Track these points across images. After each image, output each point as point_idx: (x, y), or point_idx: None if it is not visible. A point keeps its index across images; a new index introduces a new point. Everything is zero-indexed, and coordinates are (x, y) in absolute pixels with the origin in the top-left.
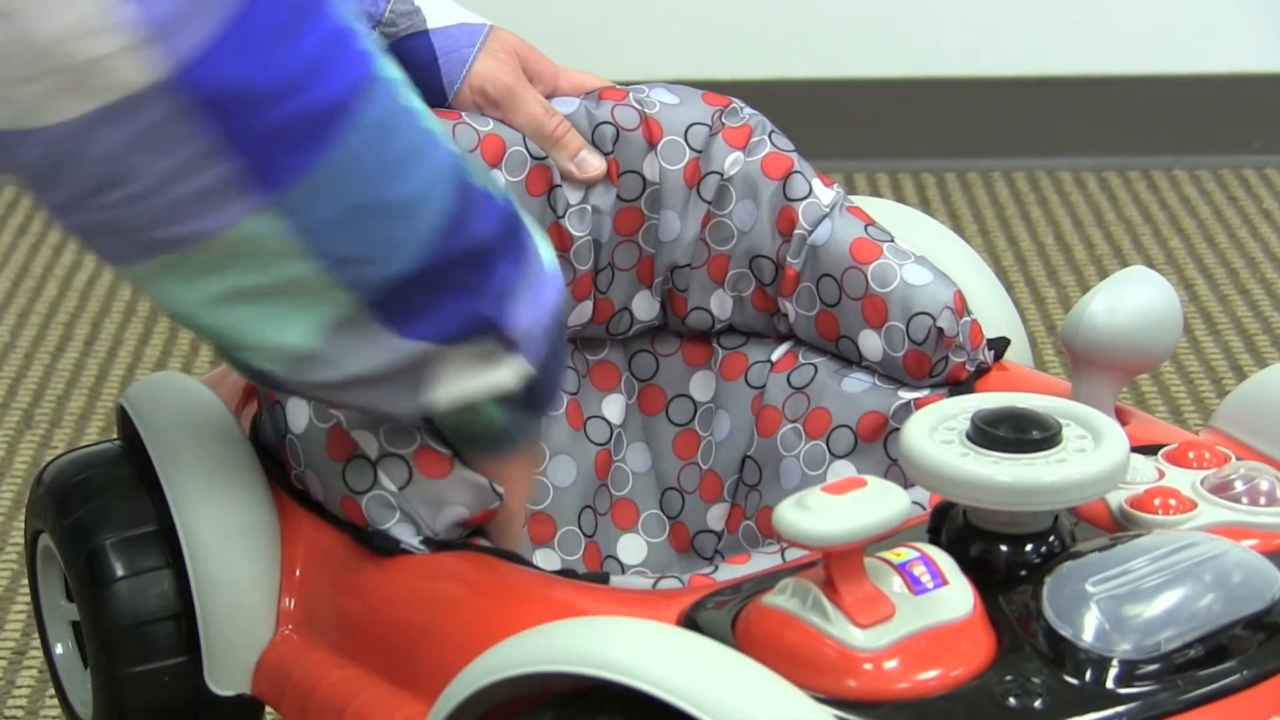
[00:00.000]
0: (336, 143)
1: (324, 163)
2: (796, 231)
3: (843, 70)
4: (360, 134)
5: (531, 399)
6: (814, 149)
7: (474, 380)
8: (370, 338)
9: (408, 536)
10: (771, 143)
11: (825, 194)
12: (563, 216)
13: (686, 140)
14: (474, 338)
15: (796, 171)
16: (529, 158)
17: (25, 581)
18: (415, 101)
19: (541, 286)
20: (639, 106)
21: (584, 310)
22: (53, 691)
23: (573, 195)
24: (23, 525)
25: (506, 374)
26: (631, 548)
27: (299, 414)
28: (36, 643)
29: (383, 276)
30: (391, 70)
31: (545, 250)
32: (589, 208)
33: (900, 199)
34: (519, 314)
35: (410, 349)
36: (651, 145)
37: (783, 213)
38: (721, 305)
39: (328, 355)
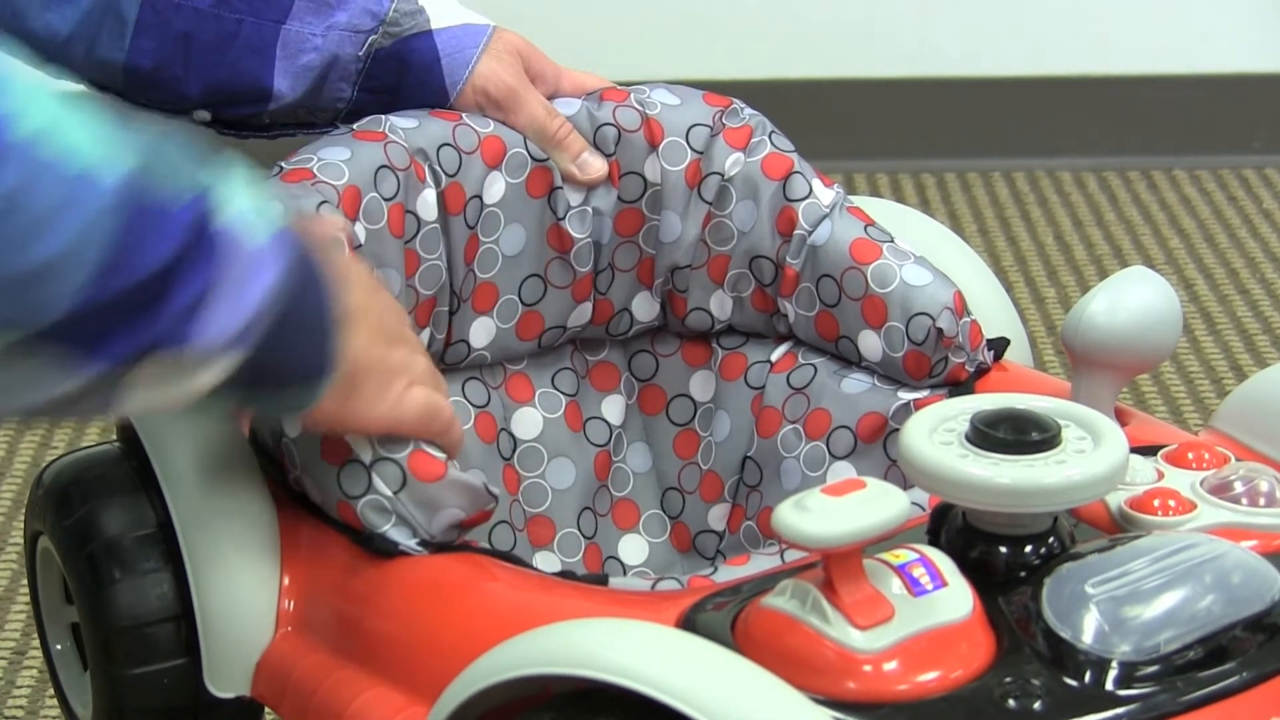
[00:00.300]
0: None
1: None
2: (796, 232)
3: (843, 70)
4: None
5: (267, 377)
6: (814, 149)
7: (166, 390)
8: (34, 374)
9: (404, 539)
10: (772, 143)
11: (825, 194)
12: (563, 219)
13: (688, 141)
14: (152, 358)
15: (796, 172)
16: (529, 159)
17: (25, 582)
18: (66, 141)
19: (250, 275)
20: (640, 108)
21: (583, 311)
22: (53, 692)
23: (573, 197)
24: (22, 527)
25: (207, 376)
26: (633, 548)
27: (294, 419)
28: (36, 643)
29: (35, 327)
30: (36, 118)
31: (264, 220)
32: (590, 210)
33: (900, 199)
34: (211, 321)
35: (81, 379)
36: (653, 146)
37: (783, 213)
38: (721, 306)
39: None
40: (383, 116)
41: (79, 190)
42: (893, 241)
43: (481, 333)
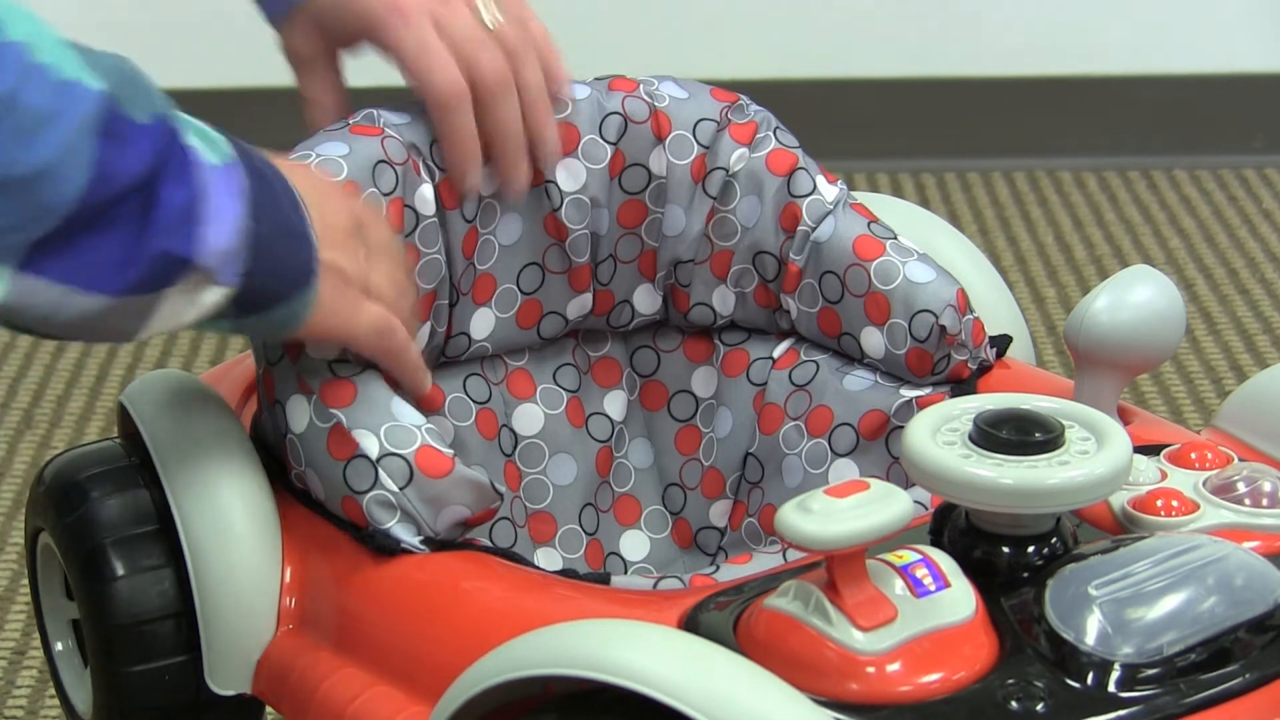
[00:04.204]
0: None
1: None
2: (800, 228)
3: (843, 70)
4: None
5: (261, 292)
6: (814, 149)
7: (179, 314)
8: (45, 295)
9: (408, 536)
10: (776, 139)
11: (829, 190)
12: (559, 209)
13: (695, 135)
14: (170, 277)
15: (801, 168)
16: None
17: (25, 581)
18: (50, 52)
19: (224, 188)
20: (649, 99)
21: (583, 302)
22: (53, 691)
23: (568, 185)
24: (23, 525)
25: (208, 300)
26: (634, 544)
27: (299, 414)
28: (36, 642)
29: (44, 228)
30: (20, 27)
31: (214, 150)
32: (586, 199)
33: (900, 199)
34: (207, 232)
35: (94, 301)
36: (659, 139)
37: (786, 209)
38: (724, 301)
39: (18, 309)
40: (376, 111)
41: (67, 96)
42: (896, 238)
43: (481, 324)
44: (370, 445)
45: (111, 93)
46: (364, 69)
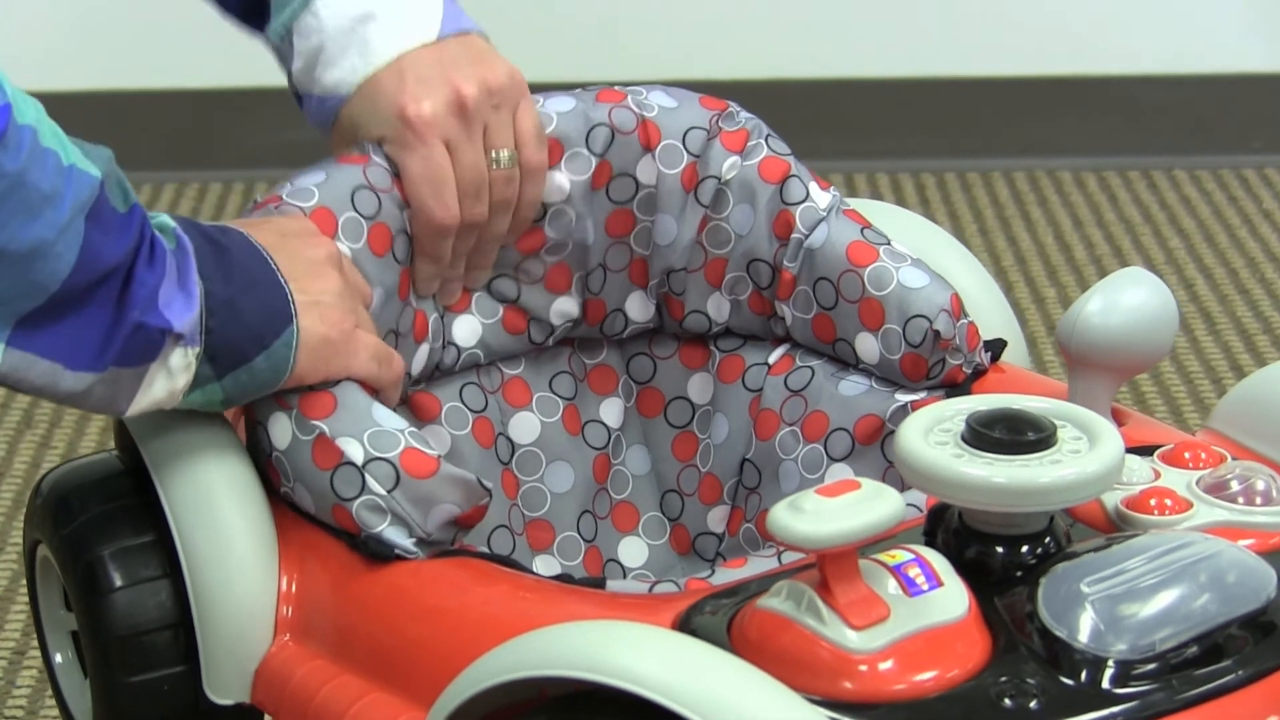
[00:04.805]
0: None
1: None
2: (793, 235)
3: (843, 70)
4: None
5: (238, 347)
6: (814, 149)
7: (159, 386)
8: (37, 369)
9: (401, 539)
10: (768, 146)
11: (822, 197)
12: (541, 220)
13: (684, 144)
14: (149, 351)
15: (793, 175)
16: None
17: (25, 582)
18: (53, 139)
19: (180, 267)
20: (637, 110)
21: (566, 306)
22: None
23: (550, 198)
24: (22, 526)
25: (177, 363)
26: (633, 550)
27: (281, 430)
28: (37, 643)
29: (32, 305)
30: (29, 112)
31: (167, 235)
32: (571, 211)
33: (900, 199)
34: (173, 310)
35: (80, 379)
36: (648, 149)
37: (779, 216)
38: (718, 309)
39: (16, 380)
40: (369, 143)
41: (69, 181)
42: (889, 244)
43: (466, 331)
44: (355, 452)
45: (104, 180)
46: None
